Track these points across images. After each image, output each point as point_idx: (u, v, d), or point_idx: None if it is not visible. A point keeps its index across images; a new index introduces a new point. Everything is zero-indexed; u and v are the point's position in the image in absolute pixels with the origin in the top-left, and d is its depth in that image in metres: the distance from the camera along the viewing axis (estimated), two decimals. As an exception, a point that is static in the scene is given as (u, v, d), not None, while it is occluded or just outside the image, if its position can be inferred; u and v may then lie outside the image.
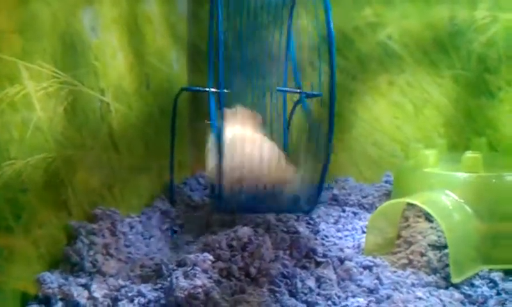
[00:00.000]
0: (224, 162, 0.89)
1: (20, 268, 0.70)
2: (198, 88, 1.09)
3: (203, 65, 1.19)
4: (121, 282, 0.73)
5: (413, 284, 0.77)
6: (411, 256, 0.84)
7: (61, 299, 0.70)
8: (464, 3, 1.16)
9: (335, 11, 0.92)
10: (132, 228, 0.92)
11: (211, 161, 0.93)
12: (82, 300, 0.69)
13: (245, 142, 0.91)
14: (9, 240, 0.68)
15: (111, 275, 0.76)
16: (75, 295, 0.69)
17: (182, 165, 1.25)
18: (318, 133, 0.94)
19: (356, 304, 0.69)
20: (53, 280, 0.71)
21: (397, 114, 1.22)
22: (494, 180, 0.86)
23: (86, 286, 0.72)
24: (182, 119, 1.25)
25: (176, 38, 1.24)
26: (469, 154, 0.87)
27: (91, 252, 0.77)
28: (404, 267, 0.83)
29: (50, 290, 0.70)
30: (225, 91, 0.91)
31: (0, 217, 0.66)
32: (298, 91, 1.01)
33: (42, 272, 0.73)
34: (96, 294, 0.70)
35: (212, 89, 0.97)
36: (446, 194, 0.86)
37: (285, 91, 1.05)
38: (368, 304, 0.70)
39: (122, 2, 0.97)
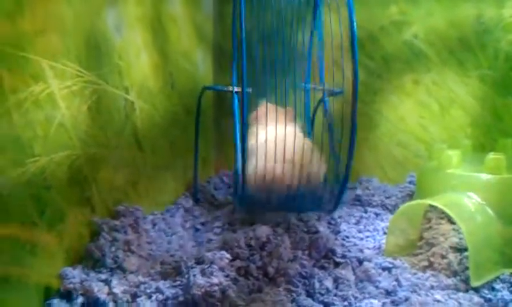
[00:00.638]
0: (261, 164, 0.90)
1: (43, 262, 0.71)
2: (219, 87, 1.10)
3: (228, 64, 1.20)
4: (141, 278, 0.75)
5: (432, 287, 0.76)
6: (432, 258, 0.83)
7: (82, 294, 0.71)
8: (492, 1, 1.14)
9: (360, 10, 0.92)
10: (154, 225, 0.93)
11: (250, 162, 0.94)
12: (102, 296, 0.71)
13: (280, 140, 0.91)
14: (33, 235, 0.70)
15: (132, 272, 0.77)
16: (95, 290, 0.71)
17: (206, 163, 1.26)
18: (339, 132, 0.94)
19: (369, 306, 0.68)
20: (75, 275, 0.73)
21: (423, 113, 1.21)
22: (518, 182, 0.85)
23: (106, 282, 0.73)
24: (207, 118, 1.26)
25: (202, 38, 1.25)
26: (492, 155, 0.85)
27: (113, 249, 0.79)
28: (424, 269, 0.82)
29: (71, 285, 0.72)
30: (248, 90, 0.92)
31: (24, 213, 0.68)
32: (320, 88, 1.01)
33: (65, 267, 0.75)
34: (116, 290, 0.72)
35: (235, 89, 0.98)
36: (468, 196, 0.85)
37: (307, 89, 1.05)
38: (383, 306, 0.69)
39: (146, 2, 0.98)
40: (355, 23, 0.88)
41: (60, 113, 0.74)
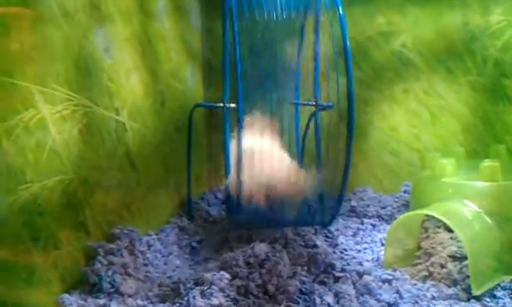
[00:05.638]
0: (242, 174, 0.90)
1: (39, 290, 0.70)
2: (211, 104, 1.09)
3: (218, 80, 1.20)
4: (139, 302, 0.73)
5: (433, 297, 0.76)
6: (431, 268, 0.82)
7: (80, 321, 0.70)
8: (478, 8, 1.14)
9: (348, 21, 0.91)
10: (150, 246, 0.92)
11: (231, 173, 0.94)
12: (101, 322, 0.70)
13: (261, 154, 0.90)
14: (28, 263, 0.69)
15: (130, 295, 0.76)
16: (93, 316, 0.70)
17: (200, 180, 1.25)
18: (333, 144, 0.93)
19: (374, 321, 0.68)
20: (72, 302, 0.72)
21: (414, 122, 1.21)
22: (514, 188, 0.85)
23: (105, 307, 0.72)
24: (199, 134, 1.26)
25: (191, 54, 1.25)
26: (487, 163, 0.85)
27: (110, 273, 0.78)
28: (424, 279, 0.82)
29: (69, 312, 0.71)
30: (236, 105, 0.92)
31: (18, 241, 0.67)
32: (312, 103, 1.01)
33: (62, 293, 0.74)
34: (115, 315, 0.70)
35: (227, 105, 0.97)
36: (465, 204, 0.84)
37: (299, 104, 1.05)
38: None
39: (134, 22, 0.97)
40: (347, 40, 0.87)
41: (51, 138, 0.74)
